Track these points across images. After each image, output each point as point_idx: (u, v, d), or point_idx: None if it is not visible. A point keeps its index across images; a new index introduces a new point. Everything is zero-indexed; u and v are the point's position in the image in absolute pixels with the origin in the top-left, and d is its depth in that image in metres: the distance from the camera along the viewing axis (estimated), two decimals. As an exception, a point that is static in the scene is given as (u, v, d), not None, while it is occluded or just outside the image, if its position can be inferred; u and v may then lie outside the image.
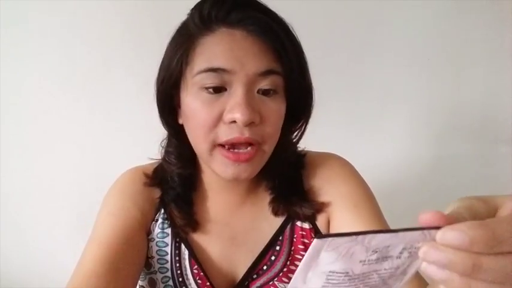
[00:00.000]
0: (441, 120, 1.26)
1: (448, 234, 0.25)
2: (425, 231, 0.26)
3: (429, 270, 0.26)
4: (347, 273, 0.27)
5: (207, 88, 0.51)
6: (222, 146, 0.52)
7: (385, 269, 0.28)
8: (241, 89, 0.50)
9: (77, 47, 1.12)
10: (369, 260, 0.27)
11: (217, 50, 0.51)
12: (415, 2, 1.20)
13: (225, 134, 0.51)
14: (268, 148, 0.54)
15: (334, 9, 1.18)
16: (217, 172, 0.54)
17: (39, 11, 1.10)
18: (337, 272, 0.27)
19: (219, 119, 0.51)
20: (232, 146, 0.52)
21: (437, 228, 0.25)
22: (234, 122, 0.50)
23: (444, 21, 1.22)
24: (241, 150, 0.51)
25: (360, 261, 0.27)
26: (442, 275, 0.26)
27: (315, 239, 0.25)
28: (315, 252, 0.26)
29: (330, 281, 0.27)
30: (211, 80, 0.50)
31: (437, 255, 0.25)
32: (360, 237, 0.25)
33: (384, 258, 0.27)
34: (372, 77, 1.22)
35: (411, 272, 0.29)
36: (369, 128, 1.25)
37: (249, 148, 0.52)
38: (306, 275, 0.27)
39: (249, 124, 0.50)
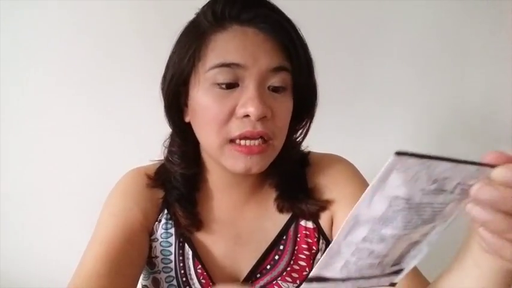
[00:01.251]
0: (441, 120, 1.26)
1: (507, 171, 0.26)
2: (481, 168, 0.27)
3: (474, 211, 0.27)
4: (408, 200, 0.29)
5: (219, 84, 0.52)
6: (233, 141, 0.53)
7: (438, 203, 0.30)
8: (253, 84, 0.51)
9: (80, 46, 1.11)
10: (428, 190, 0.28)
11: (230, 46, 0.52)
12: (415, 2, 1.20)
13: (238, 128, 0.51)
14: (278, 144, 0.55)
15: (334, 9, 1.18)
16: (228, 166, 0.54)
17: (43, 8, 1.09)
18: (400, 198, 0.28)
19: (231, 114, 0.52)
20: (244, 138, 0.52)
21: (493, 166, 0.27)
22: (247, 116, 0.51)
23: (444, 21, 1.22)
24: (252, 143, 0.52)
25: (421, 190, 0.28)
26: (486, 215, 0.27)
27: (394, 155, 0.26)
28: (388, 169, 0.27)
29: (392, 207, 0.29)
30: (224, 76, 0.51)
31: (490, 191, 0.26)
32: (429, 162, 0.26)
33: (440, 190, 0.29)
34: (372, 78, 1.22)
35: (455, 214, 0.31)
36: (369, 128, 1.25)
37: (260, 141, 0.52)
38: (372, 198, 0.28)
39: (262, 118, 0.51)
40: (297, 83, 0.55)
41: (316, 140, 0.64)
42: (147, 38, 1.10)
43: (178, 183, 0.62)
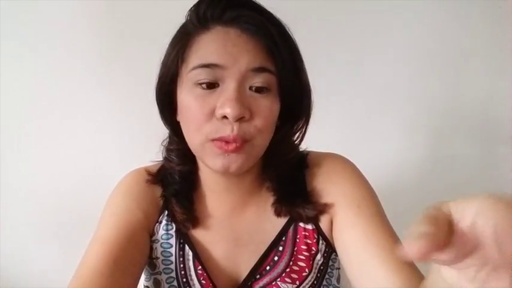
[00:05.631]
0: (441, 121, 1.27)
1: None
2: None
3: None
4: None
5: (200, 84, 0.52)
6: (213, 140, 0.53)
7: None
8: (233, 85, 0.51)
9: (80, 46, 1.12)
10: None
11: (211, 46, 0.52)
12: (415, 2, 1.20)
13: (217, 131, 0.52)
14: (260, 142, 0.55)
15: (334, 9, 1.18)
16: (209, 165, 0.55)
17: (39, 10, 1.10)
18: None
19: (211, 114, 0.52)
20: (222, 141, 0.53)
21: None
22: (225, 117, 0.51)
23: (444, 20, 1.22)
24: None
25: None
26: None
27: None
28: None
29: None
30: (204, 75, 0.52)
31: None
32: None
33: None
34: (371, 78, 1.23)
35: None
36: (369, 128, 1.25)
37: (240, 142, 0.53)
38: None
39: (239, 119, 0.51)
40: (283, 84, 0.55)
41: (315, 139, 0.64)
42: (146, 39, 1.10)
43: (175, 180, 0.63)
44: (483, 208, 0.25)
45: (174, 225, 0.62)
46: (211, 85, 0.52)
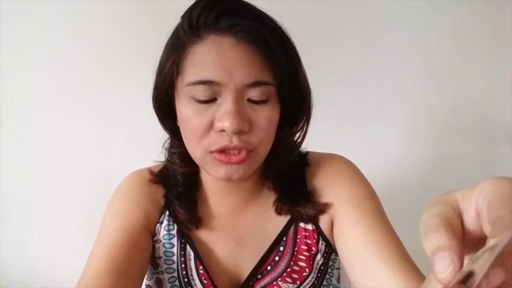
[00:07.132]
0: (441, 121, 1.27)
1: None
2: None
3: None
4: None
5: (197, 99, 0.52)
6: (213, 152, 0.53)
7: None
8: (230, 99, 0.51)
9: (81, 46, 1.12)
10: None
11: (206, 61, 0.51)
12: (415, 2, 1.21)
13: (216, 142, 0.52)
14: (262, 151, 0.55)
15: (334, 9, 1.19)
16: (211, 174, 0.56)
17: (40, 11, 1.10)
18: None
19: (209, 127, 0.52)
20: (222, 151, 0.53)
21: None
22: (224, 130, 0.51)
23: (444, 21, 1.23)
24: (232, 153, 0.53)
25: None
26: None
27: None
28: None
29: None
30: (201, 92, 0.51)
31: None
32: None
33: None
34: (371, 78, 1.23)
35: None
36: (369, 128, 1.25)
37: (240, 151, 0.53)
38: None
39: (238, 132, 0.51)
40: (282, 92, 0.54)
41: (315, 140, 0.64)
42: (147, 39, 1.10)
43: (178, 182, 0.63)
44: (484, 188, 0.26)
45: (175, 225, 0.63)
46: (209, 100, 0.52)
